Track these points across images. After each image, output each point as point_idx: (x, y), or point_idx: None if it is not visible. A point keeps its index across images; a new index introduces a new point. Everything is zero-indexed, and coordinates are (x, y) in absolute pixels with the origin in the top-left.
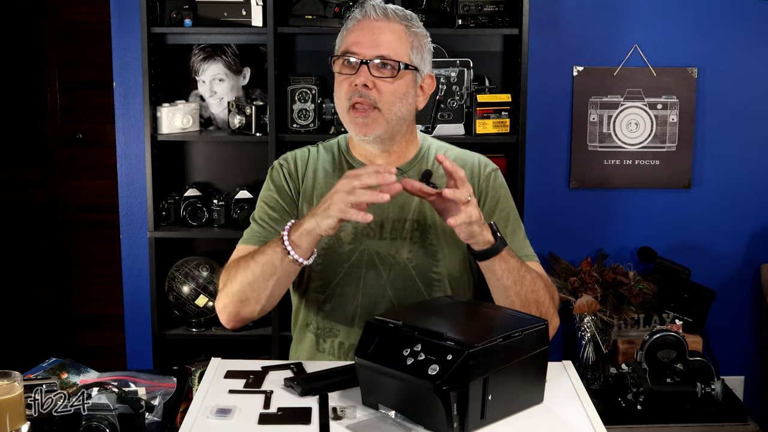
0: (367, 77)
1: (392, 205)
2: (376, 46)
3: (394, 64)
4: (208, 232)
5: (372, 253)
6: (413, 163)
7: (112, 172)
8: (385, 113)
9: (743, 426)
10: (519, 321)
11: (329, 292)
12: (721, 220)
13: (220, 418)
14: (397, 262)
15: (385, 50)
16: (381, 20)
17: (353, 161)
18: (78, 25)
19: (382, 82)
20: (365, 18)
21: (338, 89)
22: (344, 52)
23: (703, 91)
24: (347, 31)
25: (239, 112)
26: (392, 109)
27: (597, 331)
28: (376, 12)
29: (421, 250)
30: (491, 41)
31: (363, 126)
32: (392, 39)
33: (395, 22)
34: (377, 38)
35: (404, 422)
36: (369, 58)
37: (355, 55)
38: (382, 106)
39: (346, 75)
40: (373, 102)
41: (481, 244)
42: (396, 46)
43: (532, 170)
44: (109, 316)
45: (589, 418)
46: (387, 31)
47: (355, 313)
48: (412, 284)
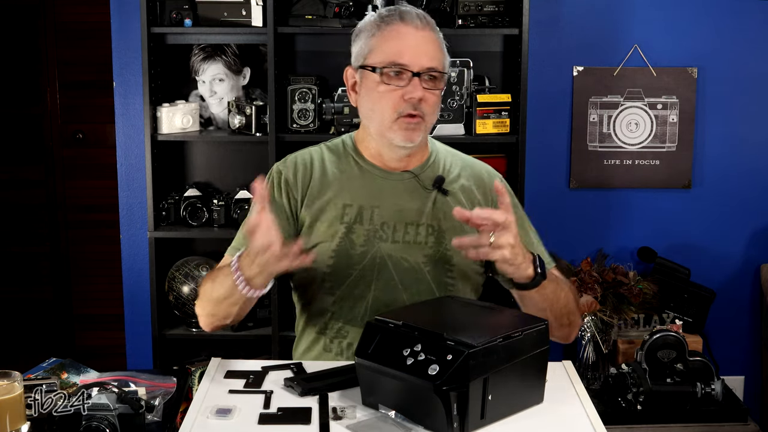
0: (422, 91)
1: (406, 209)
2: (426, 57)
3: (440, 76)
4: (208, 232)
5: (384, 256)
6: (425, 166)
7: (112, 172)
8: (428, 122)
9: (743, 426)
10: (519, 321)
11: (340, 293)
12: (721, 220)
13: (220, 418)
14: (411, 265)
15: (433, 62)
16: (423, 29)
17: (363, 161)
18: (78, 25)
19: (429, 94)
20: (408, 25)
21: (382, 99)
22: (391, 62)
23: (703, 91)
24: (383, 37)
25: (239, 112)
26: (432, 118)
27: (597, 331)
28: (420, 20)
29: (436, 255)
30: (491, 41)
31: (412, 132)
32: (435, 49)
33: (433, 29)
34: (425, 49)
35: (404, 422)
36: (420, 70)
37: (404, 66)
38: (427, 117)
39: (394, 86)
40: (423, 114)
41: (519, 278)
42: (440, 57)
43: (532, 170)
44: (109, 316)
45: (589, 418)
46: (430, 41)
47: (365, 315)
48: (427, 288)
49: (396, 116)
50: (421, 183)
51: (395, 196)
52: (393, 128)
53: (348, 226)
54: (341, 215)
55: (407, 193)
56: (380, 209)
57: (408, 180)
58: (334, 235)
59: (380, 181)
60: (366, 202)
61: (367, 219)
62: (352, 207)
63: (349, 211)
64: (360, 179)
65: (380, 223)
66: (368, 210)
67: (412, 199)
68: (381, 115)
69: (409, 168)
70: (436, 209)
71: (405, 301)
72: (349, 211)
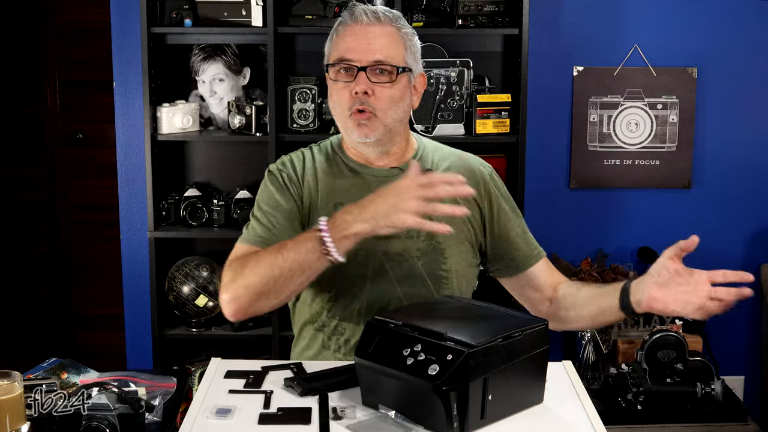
0: (366, 84)
1: None
2: (371, 51)
3: (391, 69)
4: (208, 232)
5: (379, 252)
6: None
7: (112, 172)
8: (382, 118)
9: (743, 426)
10: (519, 321)
11: (335, 290)
12: (721, 220)
13: (220, 418)
14: (406, 259)
15: (381, 55)
16: (373, 24)
17: (348, 161)
18: (78, 25)
19: (379, 88)
20: (356, 22)
21: (337, 97)
22: (339, 59)
23: (703, 91)
24: (338, 37)
25: (239, 112)
26: (388, 113)
27: (597, 331)
28: (367, 15)
29: (429, 248)
30: (491, 41)
31: (364, 127)
32: (386, 43)
33: (387, 24)
34: (372, 43)
35: (404, 422)
36: (366, 64)
37: (350, 62)
38: (380, 112)
39: (343, 83)
40: (372, 109)
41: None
42: (391, 50)
43: (532, 170)
44: (109, 316)
45: (589, 418)
46: (380, 34)
47: (361, 311)
48: (421, 281)
49: (348, 112)
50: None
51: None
52: (348, 124)
53: None
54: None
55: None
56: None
57: (396, 176)
58: None
59: (369, 178)
60: (357, 199)
61: None
62: (343, 205)
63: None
64: (350, 178)
65: None
66: None
67: None
68: (338, 112)
69: (393, 165)
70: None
71: (400, 295)
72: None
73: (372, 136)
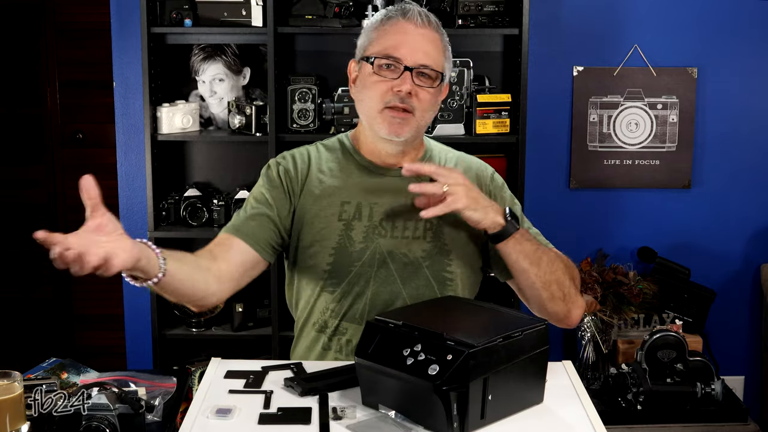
0: (411, 85)
1: (404, 205)
2: (421, 53)
3: (435, 75)
4: (208, 232)
5: (384, 252)
6: (422, 162)
7: (112, 172)
8: (418, 119)
9: (743, 426)
10: (519, 321)
11: (339, 291)
12: (721, 220)
13: (220, 418)
14: (410, 261)
15: (429, 60)
16: (426, 27)
17: (362, 160)
18: (78, 25)
19: (421, 91)
20: (409, 22)
21: (373, 90)
22: (386, 55)
23: (703, 91)
24: (383, 31)
25: (239, 112)
26: (425, 116)
27: (597, 331)
28: (421, 18)
29: (435, 249)
30: (491, 41)
31: (398, 126)
32: (434, 48)
33: (434, 29)
34: (422, 46)
35: (404, 422)
36: (413, 65)
37: (398, 60)
38: (417, 113)
39: (384, 78)
40: (412, 108)
41: (490, 227)
42: (437, 56)
43: (532, 170)
44: (109, 316)
45: (589, 418)
46: (429, 39)
47: (364, 312)
48: (425, 283)
49: (382, 106)
50: (418, 178)
51: (393, 192)
52: (378, 119)
53: (346, 223)
54: (339, 212)
55: (405, 189)
56: (378, 205)
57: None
58: (332, 233)
59: (378, 177)
60: (364, 198)
61: (365, 215)
62: (350, 204)
63: (347, 208)
64: (358, 176)
65: (379, 219)
66: (366, 207)
67: (410, 194)
68: (369, 104)
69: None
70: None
71: (404, 297)
72: (347, 208)
73: (403, 135)
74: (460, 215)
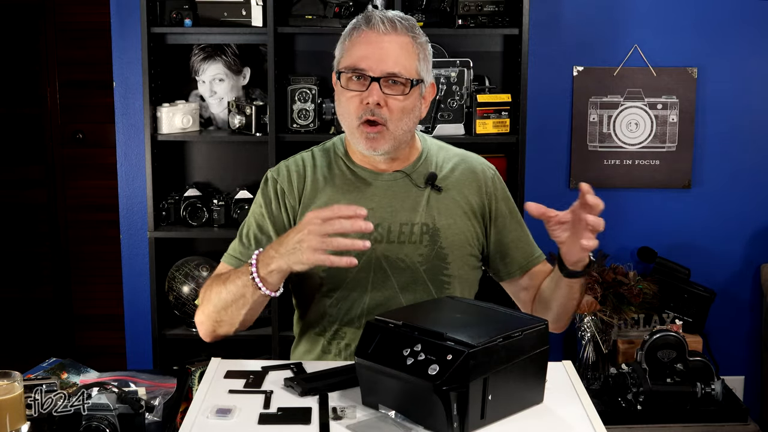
0: (379, 96)
1: (400, 209)
2: (387, 62)
3: (405, 81)
4: (208, 232)
5: (380, 257)
6: (416, 165)
7: (112, 172)
8: (393, 130)
9: (743, 426)
10: (519, 321)
11: (337, 296)
12: (721, 220)
13: (220, 418)
14: (408, 265)
15: (396, 67)
16: (390, 33)
17: (352, 164)
18: (78, 25)
19: (392, 100)
20: (372, 30)
21: (346, 105)
22: (353, 67)
23: (703, 91)
24: (351, 42)
25: (239, 112)
26: (399, 125)
27: (597, 331)
28: (384, 24)
29: (431, 253)
30: (491, 41)
31: (373, 141)
32: (402, 54)
33: (403, 34)
34: (387, 53)
35: (404, 422)
36: (379, 75)
37: (364, 71)
38: (391, 124)
39: (355, 91)
40: (384, 120)
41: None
42: (406, 62)
43: (532, 170)
44: (109, 316)
45: (589, 418)
46: (396, 45)
47: (362, 316)
48: (423, 287)
49: (358, 122)
50: (413, 182)
51: (388, 197)
52: (356, 134)
53: None
54: None
55: (400, 193)
56: (374, 210)
57: (400, 180)
58: None
59: (372, 182)
60: (359, 204)
61: None
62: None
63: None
64: (352, 182)
65: (375, 224)
66: None
67: (406, 198)
68: (347, 120)
69: (398, 168)
70: (430, 207)
71: (402, 301)
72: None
73: (380, 149)
74: (474, 223)
